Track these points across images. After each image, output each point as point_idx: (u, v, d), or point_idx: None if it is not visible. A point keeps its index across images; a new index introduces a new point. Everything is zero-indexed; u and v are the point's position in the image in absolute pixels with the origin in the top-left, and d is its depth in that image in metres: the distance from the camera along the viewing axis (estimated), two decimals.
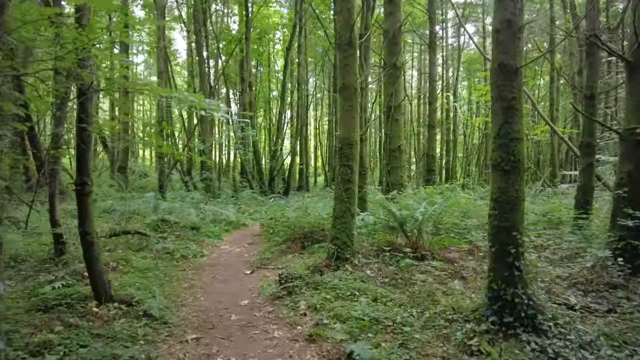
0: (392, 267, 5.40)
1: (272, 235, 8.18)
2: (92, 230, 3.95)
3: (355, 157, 5.45)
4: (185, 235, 8.12)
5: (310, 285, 4.89)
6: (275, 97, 32.97)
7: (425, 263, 5.63)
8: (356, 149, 5.46)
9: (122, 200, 10.62)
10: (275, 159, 19.74)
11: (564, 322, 3.60)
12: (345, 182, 5.40)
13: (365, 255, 5.70)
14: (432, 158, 14.13)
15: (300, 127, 20.52)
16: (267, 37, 27.53)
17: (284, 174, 25.81)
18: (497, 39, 3.73)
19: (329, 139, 32.77)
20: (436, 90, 14.98)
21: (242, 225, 10.63)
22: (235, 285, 5.44)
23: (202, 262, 6.64)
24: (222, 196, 15.56)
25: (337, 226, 5.42)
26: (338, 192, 5.45)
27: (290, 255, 6.64)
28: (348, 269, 5.23)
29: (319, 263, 5.44)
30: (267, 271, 6.04)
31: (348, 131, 5.40)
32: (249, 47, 17.80)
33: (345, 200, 5.37)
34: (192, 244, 7.60)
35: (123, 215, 9.20)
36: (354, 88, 5.43)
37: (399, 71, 10.66)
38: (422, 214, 5.86)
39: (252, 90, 19.76)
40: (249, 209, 13.01)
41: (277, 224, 8.47)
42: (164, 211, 9.64)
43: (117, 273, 5.20)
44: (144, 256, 6.17)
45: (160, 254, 6.49)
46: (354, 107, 5.43)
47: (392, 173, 10.27)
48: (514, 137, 3.65)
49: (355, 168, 5.45)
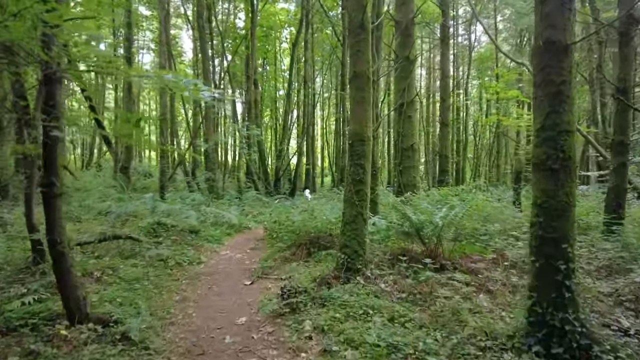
0: (410, 279, 4.78)
1: (276, 240, 7.59)
2: (63, 238, 3.39)
3: (368, 155, 4.84)
4: (183, 239, 7.56)
5: (317, 300, 4.29)
6: (281, 96, 32.45)
7: (446, 274, 5.00)
8: (369, 145, 4.84)
9: (120, 202, 10.10)
10: (281, 159, 19.17)
11: (627, 355, 2.96)
12: (356, 183, 4.78)
13: (378, 265, 5.07)
14: (445, 158, 13.45)
15: (307, 126, 19.93)
16: (273, 35, 27.02)
17: (290, 174, 25.23)
18: (543, 12, 3.09)
19: (336, 138, 32.13)
20: (449, 86, 14.30)
21: (245, 229, 10.06)
22: (232, 299, 4.85)
23: (199, 271, 6.06)
24: (225, 197, 15.01)
25: (347, 233, 4.81)
26: (348, 194, 4.84)
27: (295, 263, 6.04)
28: (360, 282, 4.61)
29: (326, 274, 4.83)
30: (269, 282, 5.45)
31: (360, 126, 4.79)
32: (255, 44, 17.25)
33: (357, 204, 4.76)
34: (189, 249, 7.04)
35: (119, 218, 8.68)
36: (366, 77, 4.82)
37: (412, 65, 10.03)
38: (443, 218, 5.23)
39: (257, 88, 19.22)
40: (252, 211, 12.44)
41: (281, 227, 7.88)
42: (162, 213, 9.11)
43: (100, 284, 4.64)
44: (134, 264, 5.61)
45: (152, 261, 5.93)
46: (366, 99, 4.82)
47: (404, 173, 9.64)
48: (564, 129, 3.02)
49: (367, 167, 4.83)
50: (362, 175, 4.79)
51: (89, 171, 22.92)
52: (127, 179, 16.80)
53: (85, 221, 8.78)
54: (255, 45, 17.30)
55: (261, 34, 23.89)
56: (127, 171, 17.83)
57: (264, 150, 19.61)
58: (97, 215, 9.39)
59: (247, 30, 18.04)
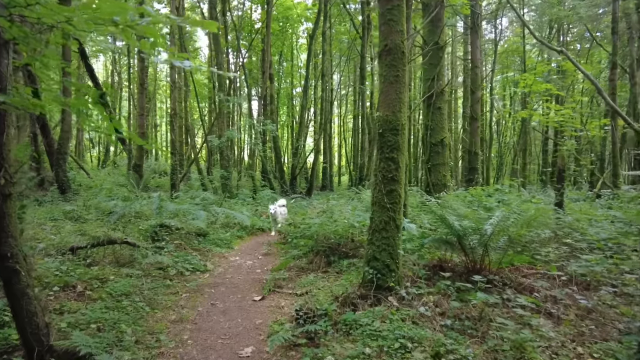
0: (454, 300, 3.88)
1: (291, 246, 6.79)
2: (15, 251, 2.64)
3: (402, 148, 3.96)
4: (189, 243, 6.83)
5: (340, 328, 3.44)
6: (298, 93, 31.75)
7: (496, 293, 4.08)
8: (403, 135, 3.96)
9: (126, 201, 9.46)
10: (298, 157, 18.37)
11: None
12: (387, 182, 3.91)
13: (413, 281, 4.19)
14: (474, 155, 12.39)
15: (324, 122, 19.07)
16: (290, 31, 26.30)
17: (306, 172, 24.43)
18: None
19: (353, 136, 31.22)
20: (479, 77, 13.21)
21: (258, 231, 9.29)
22: (238, 319, 4.05)
23: (203, 281, 5.29)
24: (239, 196, 14.32)
25: (377, 242, 3.94)
26: (377, 195, 3.97)
27: (313, 274, 5.21)
28: (392, 304, 3.74)
29: (350, 292, 3.97)
30: (282, 297, 4.63)
31: (392, 111, 3.90)
32: (269, 36, 16.50)
33: (388, 207, 3.88)
34: (194, 255, 6.30)
35: (121, 219, 8.03)
36: (400, 51, 3.93)
37: (442, 51, 9.07)
38: (494, 225, 4.30)
39: (273, 83, 18.48)
40: (266, 211, 11.66)
41: (296, 231, 7.07)
42: (169, 214, 8.44)
43: (81, 301, 3.90)
44: (128, 273, 4.88)
45: (149, 270, 5.19)
46: (400, 78, 3.94)
47: (433, 171, 8.69)
48: None
49: (401, 162, 3.95)
50: (394, 172, 3.91)
51: (104, 169, 22.71)
52: (139, 177, 16.33)
53: (87, 222, 8.16)
54: (270, 37, 16.55)
55: (277, 29, 23.17)
56: (139, 169, 17.36)
57: (279, 147, 18.86)
58: (101, 215, 8.78)
59: (262, 21, 17.31)
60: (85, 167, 22.25)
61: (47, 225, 7.55)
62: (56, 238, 6.22)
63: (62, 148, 12.17)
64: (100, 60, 33.96)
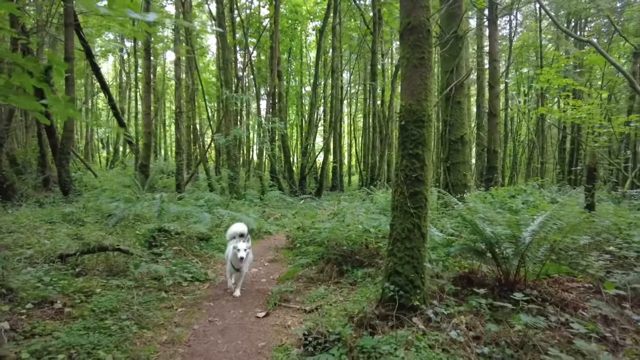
0: (490, 321, 3.30)
1: (299, 252, 6.25)
2: None
3: (428, 142, 3.39)
4: (190, 249, 6.34)
5: (357, 356, 2.89)
6: (307, 92, 31.27)
7: (534, 310, 3.49)
8: (430, 128, 3.39)
9: (128, 203, 9.03)
10: (307, 156, 17.84)
11: None
12: (411, 183, 3.34)
13: (441, 298, 3.61)
14: (494, 153, 11.73)
15: (334, 120, 18.51)
16: (299, 29, 25.80)
17: (315, 172, 23.89)
18: None
19: (364, 135, 30.60)
20: (498, 71, 12.53)
21: (265, 234, 8.78)
22: (238, 341, 3.52)
23: (202, 293, 4.78)
24: (247, 197, 13.84)
25: (398, 254, 3.37)
26: (399, 198, 3.40)
27: (323, 286, 4.66)
28: (418, 326, 3.18)
29: (367, 311, 3.41)
30: (288, 314, 4.09)
31: (416, 99, 3.34)
32: (278, 33, 15.99)
33: (412, 213, 3.31)
34: (195, 262, 5.80)
35: (120, 222, 7.59)
36: (425, 29, 3.37)
37: (461, 42, 8.43)
38: (534, 232, 3.70)
39: (281, 80, 17.98)
40: (274, 213, 11.16)
41: (305, 236, 6.53)
42: (172, 216, 7.99)
43: (58, 320, 3.41)
44: (119, 285, 4.39)
45: (144, 280, 4.70)
46: (425, 61, 3.37)
47: (452, 170, 8.08)
48: None
49: (427, 159, 3.38)
50: (419, 172, 3.34)
51: (112, 170, 22.47)
52: (145, 177, 15.98)
53: (85, 225, 7.74)
54: (278, 33, 16.04)
55: (286, 26, 22.69)
56: (146, 169, 17.03)
57: (288, 146, 18.34)
58: (101, 217, 8.36)
59: (270, 17, 16.83)
60: (93, 168, 22.07)
61: (42, 229, 7.13)
62: (48, 243, 5.79)
63: (64, 148, 11.83)
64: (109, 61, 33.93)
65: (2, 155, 10.04)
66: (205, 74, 27.03)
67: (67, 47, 11.85)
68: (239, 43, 20.07)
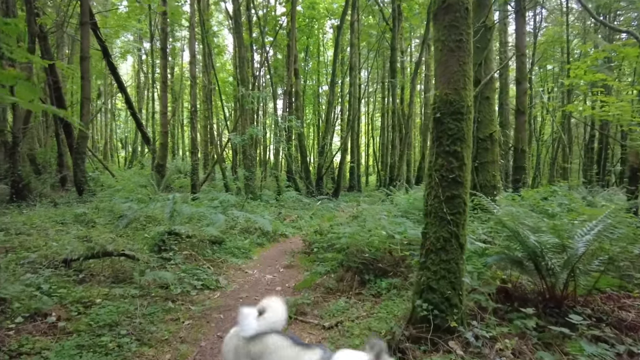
0: (541, 348, 2.81)
1: (317, 258, 5.84)
2: None
3: (467, 138, 2.92)
4: (201, 252, 6.00)
5: None
6: (325, 91, 30.89)
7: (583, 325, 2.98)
8: (469, 122, 2.93)
9: (141, 203, 8.78)
10: (324, 156, 17.41)
11: None
12: (447, 185, 2.88)
13: (479, 317, 3.13)
14: (522, 153, 11.06)
15: (352, 119, 18.03)
16: (315, 27, 25.42)
17: (332, 172, 23.42)
18: None
19: (382, 134, 29.99)
20: (525, 66, 11.84)
21: (281, 237, 8.40)
22: None
23: (212, 303, 4.41)
24: (263, 197, 13.51)
25: (433, 267, 2.92)
26: (433, 203, 2.94)
27: (343, 297, 4.23)
28: (456, 351, 2.72)
29: (395, 331, 2.97)
30: (305, 330, 3.67)
31: (454, 87, 2.87)
32: (295, 29, 15.63)
33: (449, 220, 2.85)
34: (206, 268, 5.45)
35: (132, 223, 7.34)
36: (463, 8, 2.91)
37: (490, 33, 7.87)
38: (589, 243, 3.18)
39: (298, 78, 17.61)
40: (291, 214, 10.79)
41: (323, 241, 6.11)
42: (184, 218, 7.69)
43: (50, 336, 3.08)
44: (122, 294, 4.07)
45: (150, 288, 4.36)
46: (464, 44, 2.91)
47: (481, 171, 7.54)
48: None
49: (467, 158, 2.92)
50: (457, 172, 2.88)
51: (130, 170, 22.54)
52: (161, 177, 15.86)
53: (97, 226, 7.52)
54: (295, 30, 15.68)
55: (303, 24, 22.34)
56: (162, 169, 16.94)
57: (305, 145, 17.95)
58: (113, 218, 8.14)
59: (287, 14, 16.48)
60: (111, 168, 22.18)
61: (52, 230, 6.93)
62: (56, 245, 5.55)
63: (79, 148, 11.73)
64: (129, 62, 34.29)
65: (17, 155, 9.95)
66: (222, 73, 26.94)
67: (82, 45, 11.75)
68: (256, 41, 19.82)
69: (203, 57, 20.43)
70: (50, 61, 13.09)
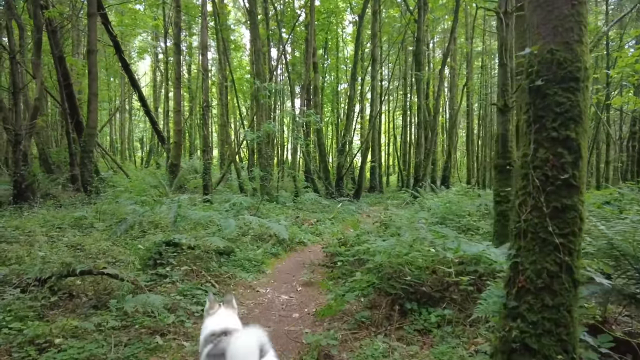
0: None
1: (340, 277, 4.86)
2: None
3: (584, 118, 1.90)
4: (205, 266, 5.09)
5: None
6: (344, 89, 29.89)
7: None
8: (587, 92, 1.90)
9: (146, 206, 7.98)
10: (344, 155, 16.40)
11: None
12: (555, 190, 1.87)
13: None
14: None
15: (374, 115, 16.97)
16: (334, 22, 24.43)
17: (352, 172, 22.38)
18: None
19: (403, 132, 28.74)
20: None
21: (299, 245, 7.46)
22: None
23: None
24: (279, 199, 12.62)
25: (531, 315, 1.89)
26: (532, 218, 1.92)
27: (379, 336, 3.24)
28: None
29: None
30: None
31: (563, 40, 1.86)
32: (313, 20, 14.69)
33: (558, 243, 1.83)
34: (209, 286, 4.55)
35: (131, 229, 6.53)
36: None
37: None
38: None
39: (317, 73, 16.67)
40: (309, 218, 9.83)
41: (348, 254, 5.13)
42: (190, 222, 6.87)
43: None
44: (99, 324, 3.19)
45: (135, 317, 3.47)
46: None
47: None
48: None
49: (583, 148, 1.89)
50: (570, 170, 1.86)
51: (146, 169, 22.07)
52: (173, 177, 15.19)
53: (95, 232, 6.75)
54: (314, 21, 14.73)
55: (322, 17, 21.39)
56: (176, 169, 16.29)
57: (324, 143, 16.97)
58: (115, 222, 7.38)
59: (306, 5, 15.55)
60: (127, 167, 21.74)
61: (42, 237, 6.17)
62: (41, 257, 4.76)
63: (86, 146, 11.09)
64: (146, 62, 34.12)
65: (19, 154, 9.33)
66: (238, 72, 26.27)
67: (90, 38, 11.12)
68: (272, 36, 18.99)
69: (218, 53, 19.74)
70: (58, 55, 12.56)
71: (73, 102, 13.29)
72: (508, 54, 4.59)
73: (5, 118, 10.60)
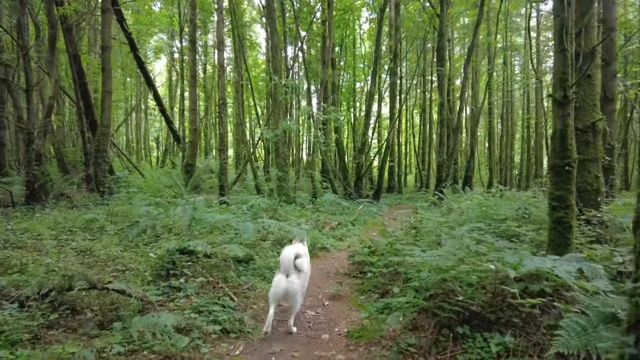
0: None
1: (371, 290, 4.33)
2: None
3: None
4: (223, 276, 4.63)
5: None
6: (360, 88, 29.29)
7: None
8: None
9: (158, 208, 7.58)
10: (364, 154, 15.83)
11: None
12: None
13: None
14: (611, 149, 9.04)
15: (393, 113, 16.35)
16: (351, 18, 23.86)
17: (370, 172, 21.79)
18: None
19: (422, 131, 27.99)
20: (615, 44, 9.77)
21: (321, 251, 6.96)
22: None
23: None
24: (297, 200, 12.14)
25: None
26: None
27: None
28: None
29: None
30: None
31: None
32: (332, 13, 14.16)
33: None
34: (228, 300, 4.08)
35: (143, 233, 6.13)
36: None
37: None
38: None
39: (335, 69, 16.14)
40: (330, 221, 9.32)
41: (380, 266, 4.59)
42: (208, 226, 6.44)
43: None
44: (100, 349, 2.74)
45: (143, 339, 3.02)
46: None
47: (580, 170, 5.73)
48: None
49: None
50: None
51: (162, 169, 21.90)
52: (189, 177, 14.90)
53: (104, 236, 6.38)
54: (332, 14, 14.20)
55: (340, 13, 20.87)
56: (191, 169, 16.03)
57: (342, 143, 16.44)
58: (127, 225, 7.01)
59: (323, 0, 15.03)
60: (143, 167, 21.60)
61: (51, 242, 5.83)
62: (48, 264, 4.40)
63: (100, 146, 10.80)
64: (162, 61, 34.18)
65: (32, 153, 9.07)
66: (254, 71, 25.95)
67: (103, 34, 10.83)
68: (290, 32, 18.55)
69: (234, 52, 19.39)
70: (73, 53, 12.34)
71: (88, 101, 13.08)
72: (569, 38, 3.99)
73: (19, 117, 10.40)
